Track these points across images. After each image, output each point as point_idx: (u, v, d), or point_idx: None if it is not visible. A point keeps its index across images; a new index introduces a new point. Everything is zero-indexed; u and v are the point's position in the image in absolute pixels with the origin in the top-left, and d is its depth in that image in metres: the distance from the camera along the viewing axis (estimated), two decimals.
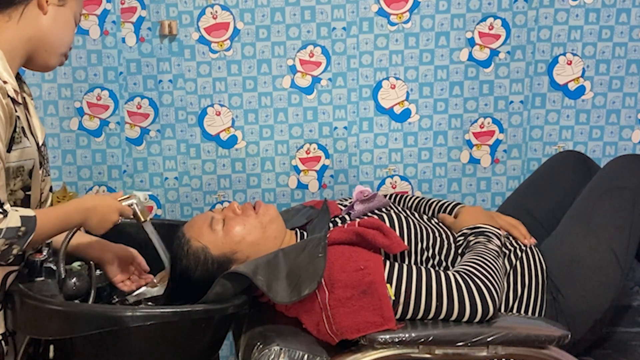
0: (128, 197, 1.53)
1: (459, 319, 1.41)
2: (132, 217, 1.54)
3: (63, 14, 1.46)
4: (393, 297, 1.41)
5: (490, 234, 1.62)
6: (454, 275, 1.44)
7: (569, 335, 1.42)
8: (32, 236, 1.30)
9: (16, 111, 1.35)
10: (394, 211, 1.70)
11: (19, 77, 1.51)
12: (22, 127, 1.38)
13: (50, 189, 1.58)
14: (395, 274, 1.44)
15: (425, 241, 1.60)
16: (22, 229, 1.28)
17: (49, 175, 1.54)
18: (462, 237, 1.64)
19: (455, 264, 1.58)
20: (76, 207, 1.42)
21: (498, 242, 1.60)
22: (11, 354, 1.42)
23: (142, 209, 1.55)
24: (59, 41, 1.46)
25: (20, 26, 1.40)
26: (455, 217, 1.76)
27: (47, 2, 1.42)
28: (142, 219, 1.56)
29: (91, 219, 1.44)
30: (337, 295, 1.41)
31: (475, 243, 1.59)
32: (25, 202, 1.43)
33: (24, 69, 1.50)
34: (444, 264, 1.61)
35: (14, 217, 1.27)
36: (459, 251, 1.62)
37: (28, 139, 1.39)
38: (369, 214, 1.69)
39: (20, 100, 1.39)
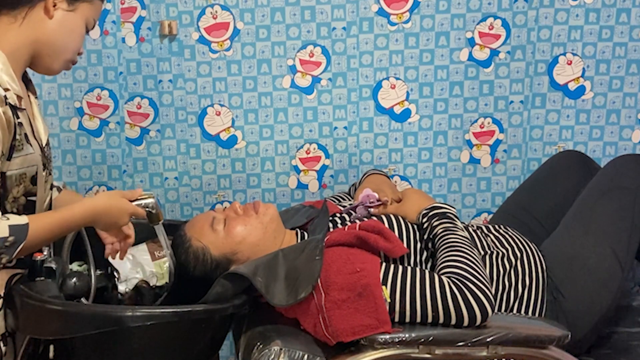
0: (146, 197, 1.46)
1: (459, 325, 1.39)
2: (144, 218, 1.48)
3: (72, 20, 1.43)
4: (389, 300, 1.40)
5: (451, 215, 1.59)
6: (447, 282, 1.40)
7: (569, 335, 1.42)
8: (24, 245, 1.28)
9: (18, 117, 1.34)
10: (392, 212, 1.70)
11: (25, 76, 1.50)
12: (25, 134, 1.36)
13: (51, 187, 1.56)
14: (390, 275, 1.43)
15: (425, 241, 1.60)
16: (10, 238, 1.26)
17: (51, 174, 1.52)
18: (426, 221, 1.60)
19: (436, 256, 1.53)
20: (83, 211, 1.38)
21: (459, 223, 1.59)
22: (10, 354, 1.42)
23: (157, 211, 1.48)
24: (62, 47, 1.44)
25: (23, 28, 1.39)
26: (399, 202, 1.72)
27: (54, 6, 1.40)
28: (155, 222, 1.50)
29: (99, 222, 1.42)
30: (332, 298, 1.41)
31: (445, 231, 1.55)
32: (29, 208, 1.41)
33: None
34: None
35: (1, 226, 1.25)
36: (425, 235, 1.58)
37: (31, 144, 1.38)
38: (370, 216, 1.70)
39: (24, 106, 1.38)
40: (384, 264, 1.47)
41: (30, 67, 1.46)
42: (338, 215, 1.71)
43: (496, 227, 1.75)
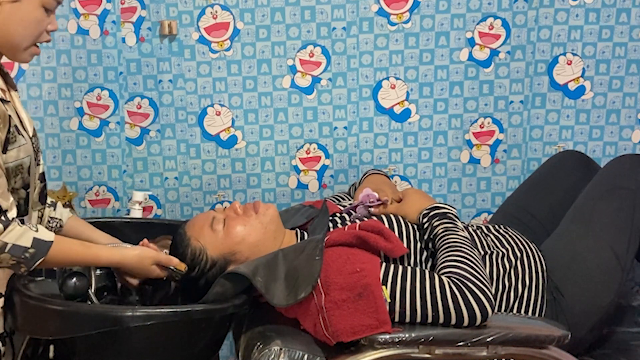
0: (178, 265, 1.51)
1: (459, 325, 1.39)
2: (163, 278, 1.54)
3: (20, 10, 1.36)
4: (389, 300, 1.40)
5: (452, 215, 1.59)
6: (447, 282, 1.40)
7: (569, 335, 1.42)
8: (43, 260, 1.31)
9: (7, 110, 1.34)
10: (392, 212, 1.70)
11: (1, 69, 1.47)
12: (15, 125, 1.36)
13: (43, 177, 1.53)
14: (390, 275, 1.43)
15: (424, 241, 1.60)
16: (31, 250, 1.29)
17: (39, 165, 1.50)
18: (426, 221, 1.60)
19: (436, 256, 1.53)
20: (109, 258, 1.45)
21: (460, 224, 1.58)
22: (9, 354, 1.42)
23: (180, 277, 1.53)
24: (17, 39, 1.37)
25: None
26: (399, 202, 1.72)
27: None
28: (173, 280, 1.56)
29: (121, 271, 1.50)
30: (332, 298, 1.41)
31: (445, 231, 1.55)
32: (28, 200, 1.42)
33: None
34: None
35: (27, 235, 1.28)
36: (426, 236, 1.58)
37: (23, 135, 1.38)
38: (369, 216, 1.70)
39: (8, 98, 1.38)
40: (384, 264, 1.47)
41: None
42: (338, 215, 1.71)
43: (496, 227, 1.75)
